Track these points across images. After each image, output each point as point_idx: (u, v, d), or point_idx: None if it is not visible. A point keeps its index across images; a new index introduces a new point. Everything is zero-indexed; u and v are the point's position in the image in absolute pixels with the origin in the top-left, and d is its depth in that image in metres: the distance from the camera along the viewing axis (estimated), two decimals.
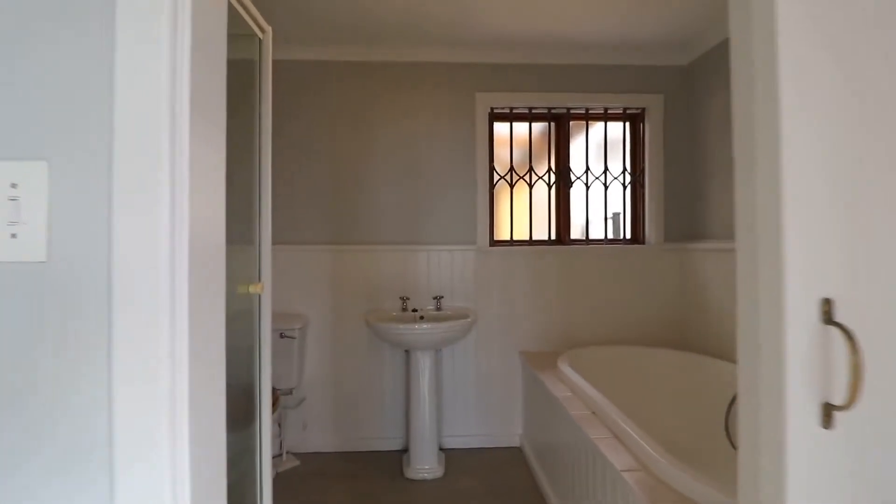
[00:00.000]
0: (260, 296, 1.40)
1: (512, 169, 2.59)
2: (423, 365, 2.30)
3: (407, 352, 2.37)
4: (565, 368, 2.08)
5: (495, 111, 2.59)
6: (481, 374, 2.56)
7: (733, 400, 2.01)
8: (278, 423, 2.45)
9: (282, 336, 2.34)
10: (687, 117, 2.59)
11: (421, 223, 2.54)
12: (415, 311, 2.42)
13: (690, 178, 2.56)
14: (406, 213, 2.53)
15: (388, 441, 2.53)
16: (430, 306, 2.51)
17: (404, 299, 2.45)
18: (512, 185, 2.60)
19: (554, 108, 2.60)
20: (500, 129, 2.63)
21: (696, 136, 2.51)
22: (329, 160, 2.51)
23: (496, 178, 2.60)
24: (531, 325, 2.57)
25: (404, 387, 2.53)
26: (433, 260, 2.53)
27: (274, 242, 2.53)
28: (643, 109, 2.62)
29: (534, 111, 2.60)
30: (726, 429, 1.98)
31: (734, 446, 1.99)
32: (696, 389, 2.21)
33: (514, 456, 2.47)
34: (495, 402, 2.57)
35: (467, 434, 2.55)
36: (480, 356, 2.56)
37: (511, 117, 2.59)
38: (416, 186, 2.53)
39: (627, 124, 2.68)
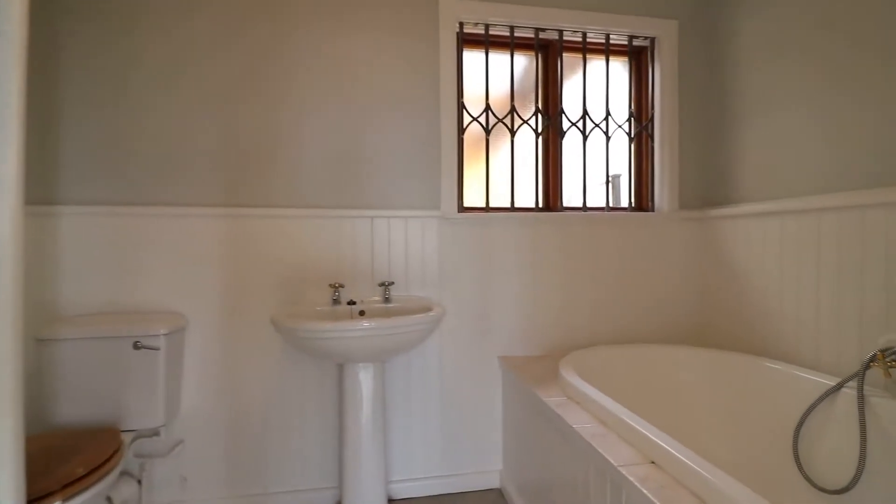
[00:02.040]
0: None
1: (488, 108, 1.90)
2: (363, 383, 1.55)
3: (341, 365, 1.60)
4: (574, 380, 1.42)
5: (466, 32, 1.90)
6: (446, 392, 1.84)
7: (804, 417, 1.45)
8: (138, 481, 1.58)
9: (137, 347, 1.48)
10: (707, 50, 2.04)
11: (361, 179, 1.77)
12: (352, 303, 1.65)
13: (713, 127, 2.01)
14: (339, 164, 1.76)
15: (314, 495, 1.73)
16: (375, 297, 1.75)
17: (336, 287, 1.67)
18: (488, 131, 1.91)
19: (542, 30, 1.95)
20: (473, 62, 1.93)
21: (721, 74, 1.96)
22: (223, 86, 1.68)
23: (467, 120, 1.90)
24: (514, 320, 1.89)
25: (336, 416, 1.75)
26: (380, 231, 1.78)
27: (127, 203, 1.66)
28: (652, 41, 2.03)
29: (517, 35, 1.93)
30: (795, 454, 1.41)
31: (807, 478, 1.43)
32: (742, 401, 1.64)
33: (492, 502, 1.77)
34: (466, 429, 1.86)
35: (427, 476, 1.82)
36: (445, 366, 1.84)
37: (487, 42, 1.91)
38: (354, 127, 1.77)
39: (632, 64, 2.09)
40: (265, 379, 1.70)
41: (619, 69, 2.10)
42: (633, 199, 2.09)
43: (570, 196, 2.02)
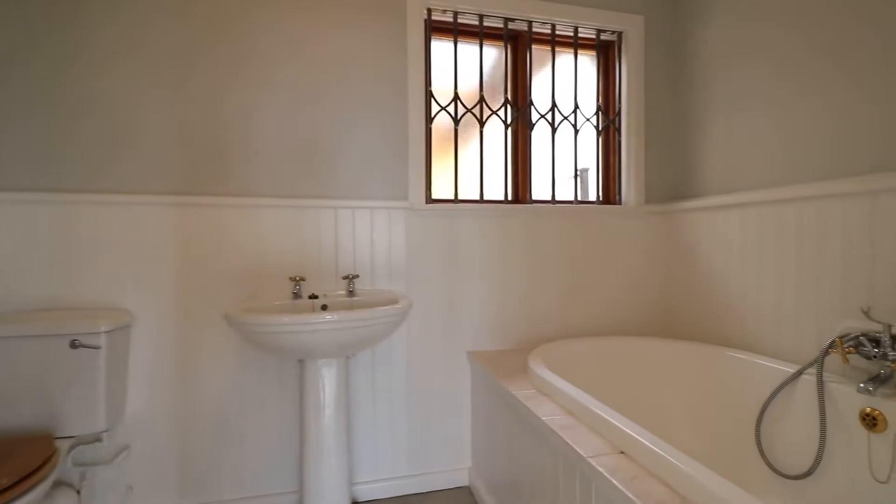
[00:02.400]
0: None
1: (457, 98, 1.86)
2: (326, 381, 1.47)
3: (302, 362, 1.52)
4: (543, 373, 1.39)
5: (434, 19, 1.85)
6: (413, 389, 1.78)
7: (766, 404, 1.47)
8: (77, 491, 1.46)
9: (74, 346, 1.36)
10: (672, 46, 2.06)
11: (325, 167, 1.70)
12: (314, 297, 1.58)
13: (678, 122, 2.04)
14: (301, 151, 1.68)
15: (273, 500, 1.64)
16: (339, 290, 1.68)
17: (297, 280, 1.59)
18: (457, 122, 1.87)
19: (512, 20, 1.92)
20: (442, 53, 1.89)
21: (685, 69, 1.99)
22: (174, 65, 1.57)
23: (435, 109, 1.85)
24: (482, 314, 1.85)
25: (297, 416, 1.67)
26: (344, 222, 1.71)
27: (67, 189, 1.52)
28: (619, 36, 2.04)
29: (486, 24, 1.90)
30: (758, 441, 1.43)
31: (769, 465, 1.45)
32: (707, 390, 1.65)
33: (461, 501, 1.73)
34: (433, 427, 1.81)
35: (393, 477, 1.76)
36: (412, 362, 1.78)
37: (456, 31, 1.86)
38: (316, 113, 1.69)
39: (600, 59, 2.10)
40: (220, 378, 1.60)
41: (588, 63, 2.10)
42: (600, 193, 2.09)
43: (539, 190, 2.01)
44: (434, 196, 1.87)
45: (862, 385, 1.17)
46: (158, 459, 1.56)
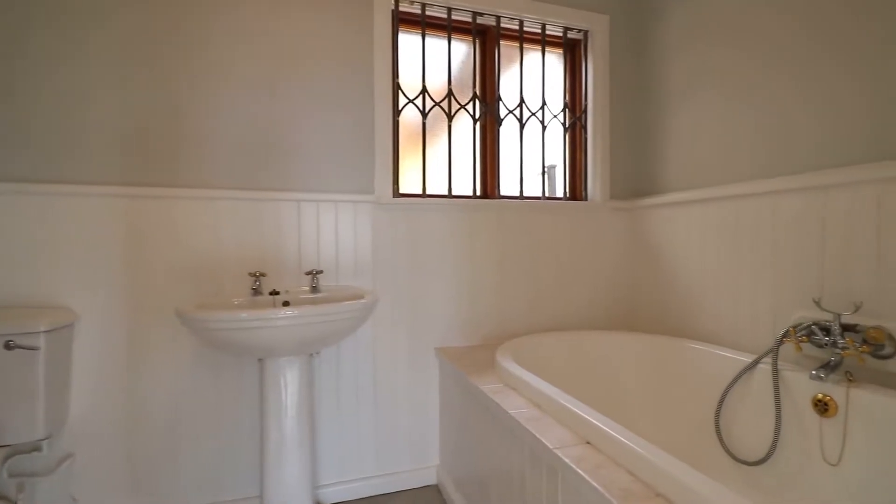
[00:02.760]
0: None
1: (425, 91, 1.84)
2: (288, 380, 1.42)
3: (262, 360, 1.46)
4: (510, 366, 1.38)
5: (402, 11, 1.82)
6: (380, 388, 1.74)
7: (725, 393, 1.51)
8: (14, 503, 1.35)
9: (9, 347, 1.25)
10: (636, 45, 2.10)
11: (287, 158, 1.64)
12: (275, 293, 1.52)
13: (641, 120, 2.08)
14: (261, 141, 1.61)
15: None
16: (303, 286, 1.62)
17: (257, 276, 1.53)
18: (424, 115, 1.84)
19: (480, 15, 1.91)
20: (410, 46, 1.86)
21: (648, 69, 2.03)
22: (124, 48, 1.48)
23: (403, 102, 1.82)
24: (450, 310, 1.83)
25: (258, 416, 1.60)
26: (307, 216, 1.65)
27: (3, 179, 1.42)
28: (585, 34, 2.07)
29: (454, 18, 1.89)
30: (717, 429, 1.46)
31: (728, 452, 1.49)
32: (669, 381, 1.69)
33: (429, 499, 1.70)
34: (401, 426, 1.77)
35: (360, 478, 1.71)
36: (378, 359, 1.74)
37: (423, 23, 1.84)
38: (277, 101, 1.63)
39: (567, 57, 2.12)
40: (174, 379, 1.52)
41: (555, 61, 2.12)
42: (567, 189, 2.11)
43: (508, 185, 2.00)
44: (402, 190, 1.84)
45: (814, 372, 1.22)
46: (106, 467, 1.47)
